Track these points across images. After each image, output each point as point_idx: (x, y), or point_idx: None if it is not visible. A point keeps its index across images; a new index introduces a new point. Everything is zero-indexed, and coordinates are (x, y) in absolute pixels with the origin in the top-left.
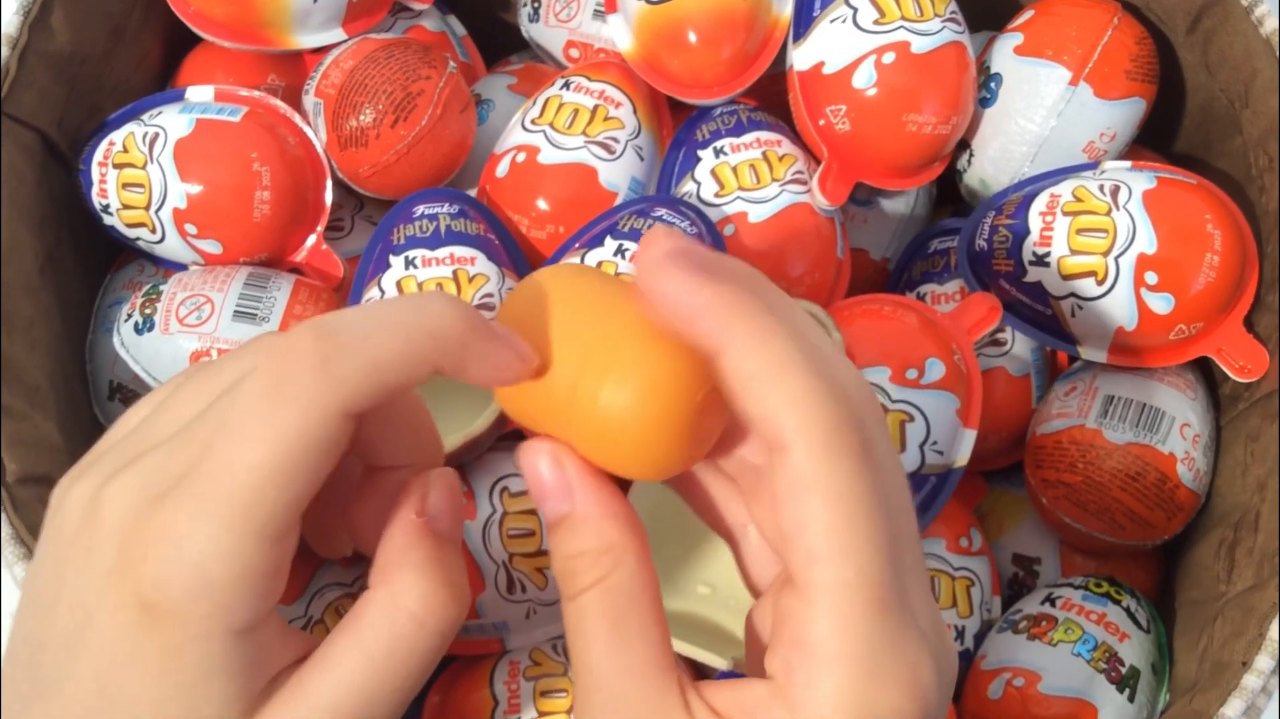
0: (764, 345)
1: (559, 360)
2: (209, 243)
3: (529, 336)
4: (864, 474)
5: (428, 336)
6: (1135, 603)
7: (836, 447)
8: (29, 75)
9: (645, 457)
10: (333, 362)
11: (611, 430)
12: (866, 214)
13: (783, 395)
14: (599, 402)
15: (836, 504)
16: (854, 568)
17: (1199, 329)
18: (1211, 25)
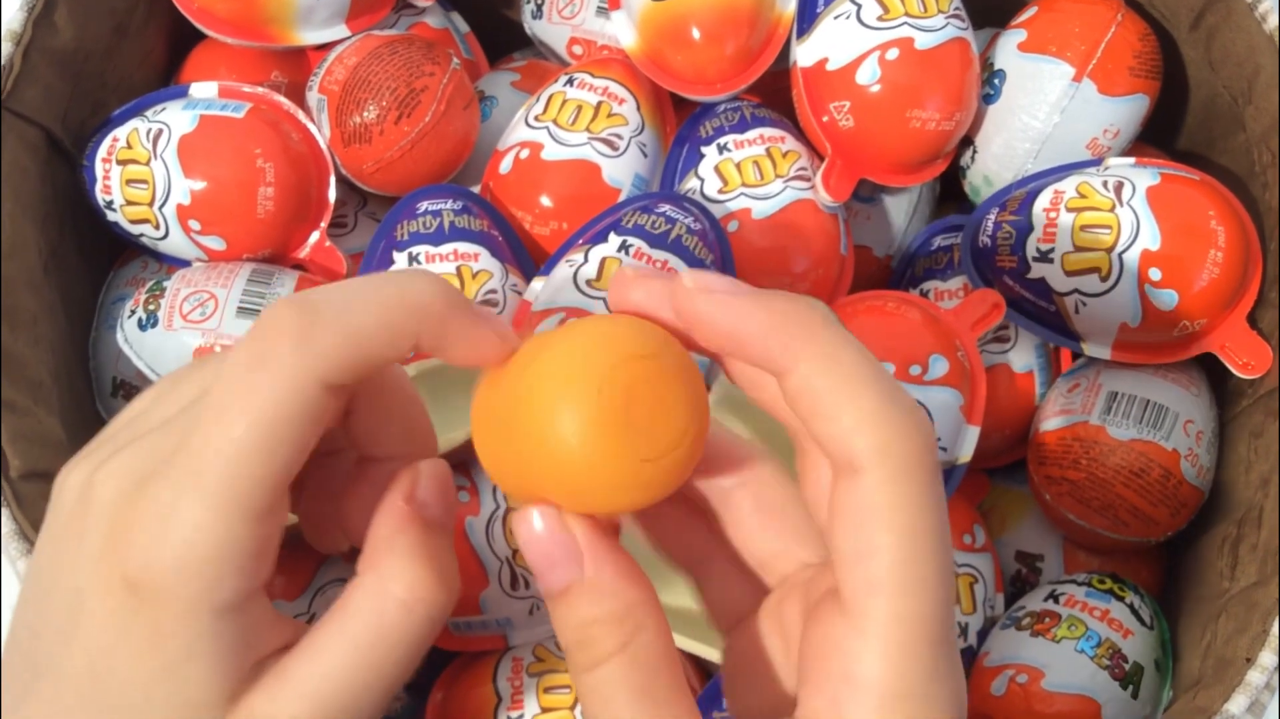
0: (835, 362)
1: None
2: (212, 239)
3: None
4: (932, 506)
5: (407, 310)
6: (1139, 599)
7: (910, 474)
8: (33, 71)
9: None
10: (311, 333)
11: (567, 469)
12: (870, 210)
13: (856, 416)
14: (550, 449)
15: (906, 536)
16: (914, 603)
17: (1202, 325)
18: (1214, 22)
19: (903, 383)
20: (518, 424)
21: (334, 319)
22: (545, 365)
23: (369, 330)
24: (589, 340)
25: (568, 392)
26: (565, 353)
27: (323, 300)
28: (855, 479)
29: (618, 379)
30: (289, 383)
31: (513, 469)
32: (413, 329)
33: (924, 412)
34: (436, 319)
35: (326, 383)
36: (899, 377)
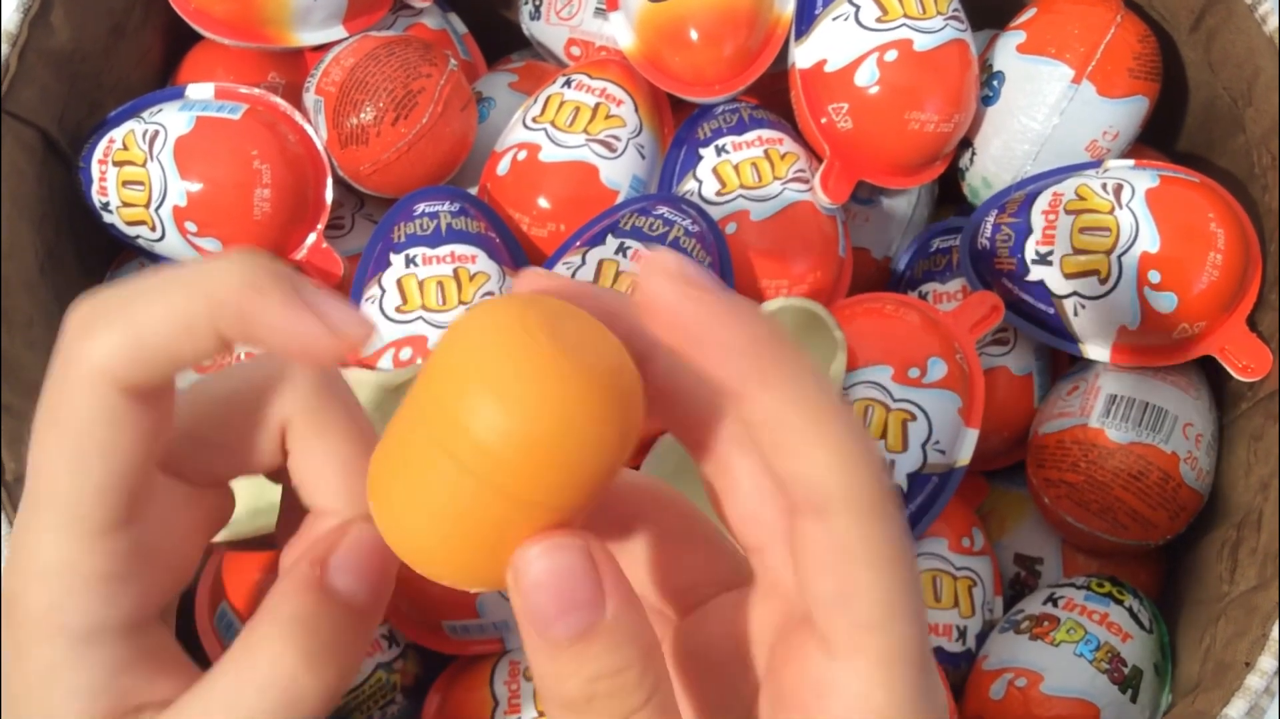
0: (803, 395)
1: (427, 467)
2: (209, 241)
3: None
4: (900, 538)
5: (197, 297)
6: (1138, 603)
7: (880, 513)
8: (29, 72)
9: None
10: (90, 330)
11: (521, 445)
12: (868, 212)
13: (826, 455)
14: (485, 446)
15: (885, 572)
16: (901, 637)
17: (1202, 328)
18: (1214, 23)
19: (901, 385)
20: (446, 435)
21: (115, 312)
22: (447, 356)
23: (152, 322)
24: (486, 310)
25: (495, 350)
26: (465, 332)
27: (111, 296)
28: (824, 521)
29: (533, 316)
30: (75, 386)
31: (453, 514)
32: (205, 317)
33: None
34: (232, 302)
35: (120, 383)
36: (897, 379)
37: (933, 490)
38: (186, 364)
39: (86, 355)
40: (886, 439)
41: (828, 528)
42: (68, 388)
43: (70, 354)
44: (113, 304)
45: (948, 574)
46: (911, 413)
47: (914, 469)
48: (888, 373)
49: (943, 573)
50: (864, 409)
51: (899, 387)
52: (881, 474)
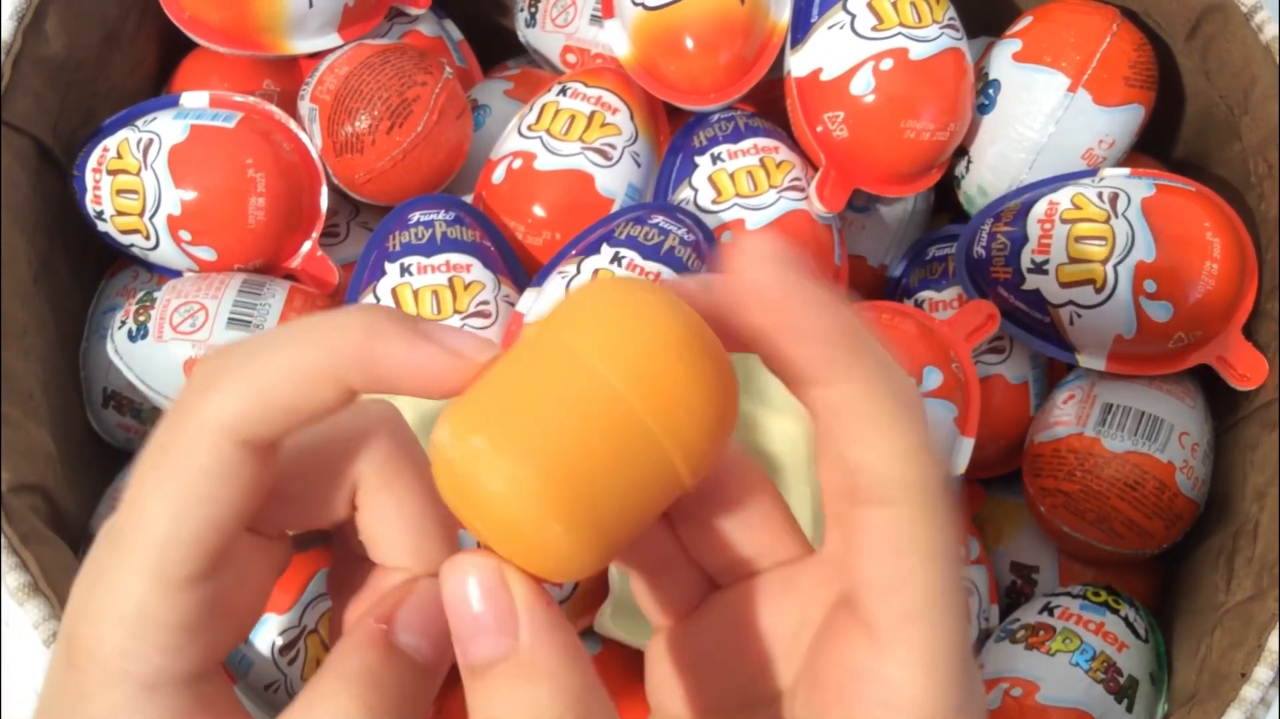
0: (882, 389)
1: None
2: (203, 249)
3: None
4: (953, 537)
5: (320, 346)
6: (1134, 612)
7: (939, 508)
8: (23, 81)
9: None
10: (214, 383)
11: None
12: (864, 221)
13: (896, 447)
14: (486, 486)
15: (937, 567)
16: (947, 630)
17: (1198, 337)
18: (1211, 31)
19: None
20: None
21: (238, 365)
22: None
23: (276, 373)
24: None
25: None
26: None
27: (235, 350)
28: (885, 510)
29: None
30: (193, 438)
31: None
32: (330, 366)
33: None
34: (356, 349)
35: (240, 437)
36: None
37: None
38: (310, 418)
39: (210, 408)
40: None
41: (890, 516)
42: (183, 436)
43: (191, 404)
44: (237, 358)
45: None
46: None
47: None
48: None
49: None
50: None
51: None
52: (941, 473)
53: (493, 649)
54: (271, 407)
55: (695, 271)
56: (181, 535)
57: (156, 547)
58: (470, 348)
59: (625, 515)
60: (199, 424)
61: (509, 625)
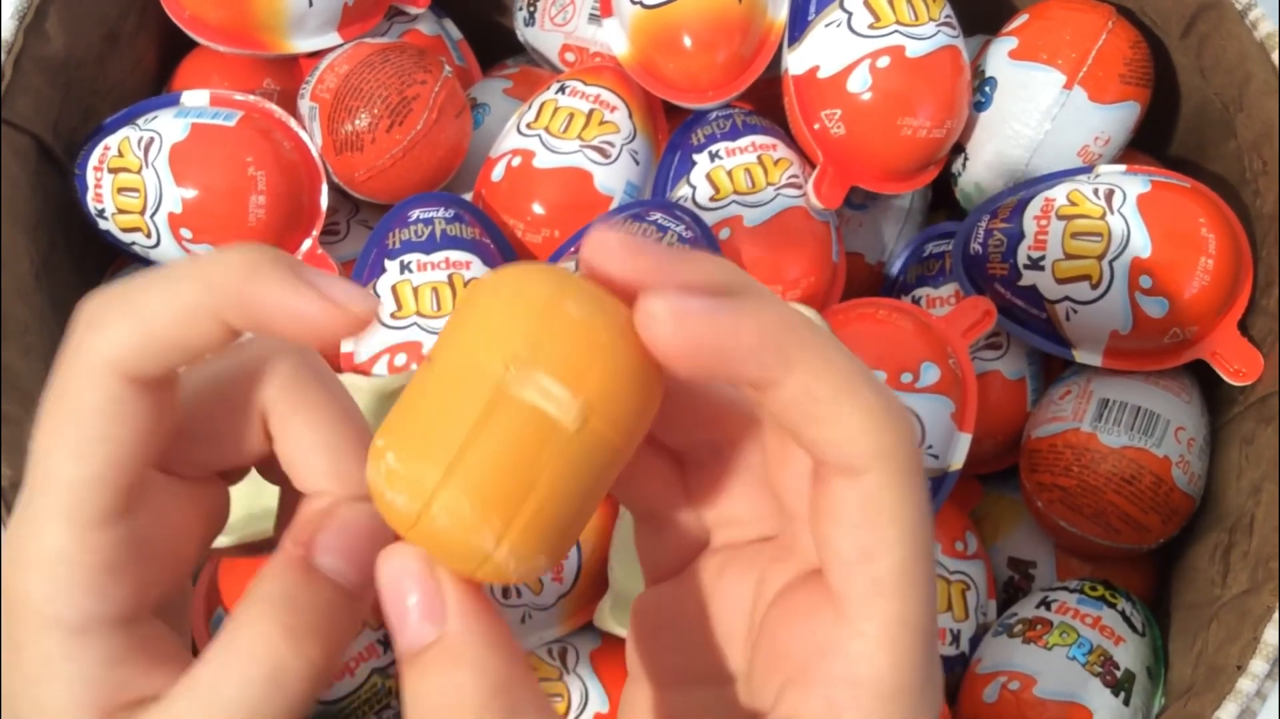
0: (831, 366)
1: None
2: (204, 247)
3: None
4: (925, 508)
5: (202, 286)
6: (1130, 606)
7: (911, 473)
8: (24, 79)
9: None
10: (96, 321)
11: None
12: (862, 218)
13: (858, 418)
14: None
15: (911, 536)
16: (914, 605)
17: (1194, 333)
18: (1206, 29)
19: (894, 390)
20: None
21: (119, 303)
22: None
23: (156, 309)
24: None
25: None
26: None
27: (118, 290)
28: (855, 480)
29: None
30: (80, 376)
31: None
32: (209, 303)
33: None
34: (235, 287)
35: (127, 374)
36: (891, 384)
37: None
38: (193, 354)
39: (93, 346)
40: None
41: (859, 484)
42: (73, 378)
43: (77, 346)
44: (119, 297)
45: (941, 578)
46: None
47: None
48: (881, 378)
49: (937, 577)
50: None
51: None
52: (912, 436)
53: (420, 636)
54: (153, 342)
55: None
56: (84, 475)
57: (64, 489)
58: (348, 297)
59: (554, 503)
60: (85, 364)
61: (436, 613)
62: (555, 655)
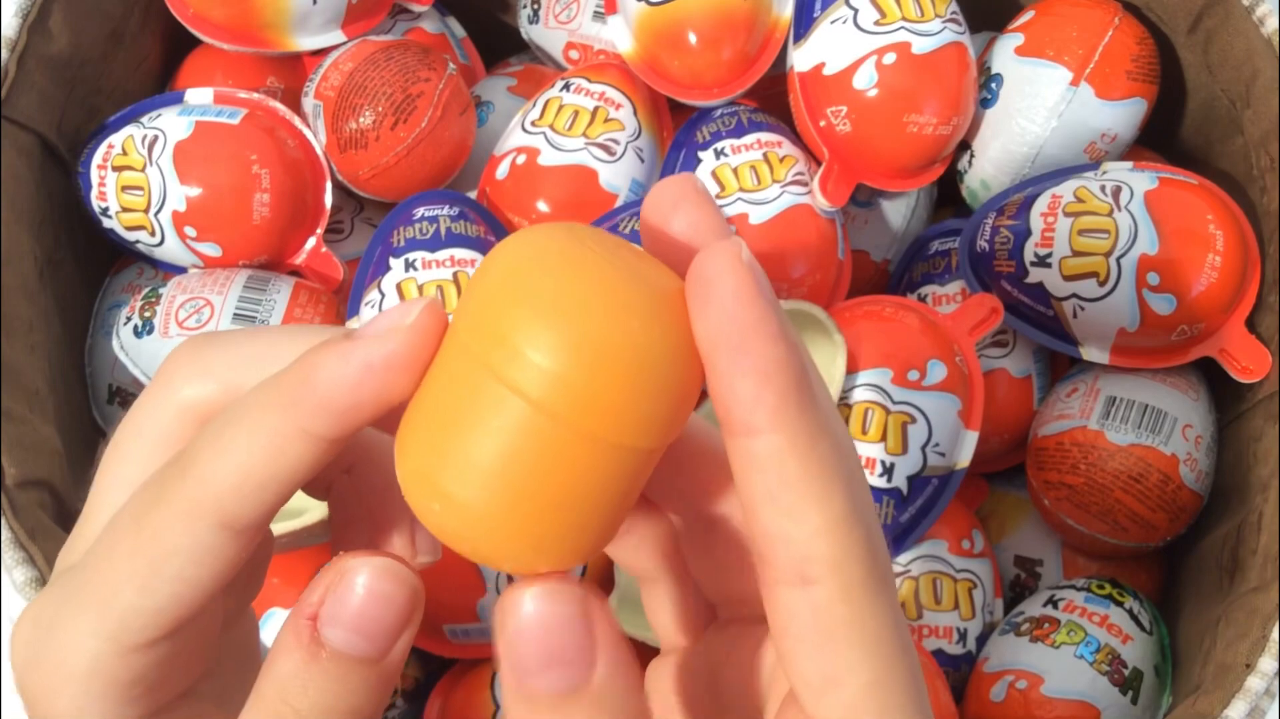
0: (813, 447)
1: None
2: (208, 245)
3: None
4: (890, 615)
5: (279, 407)
6: (1138, 604)
7: (870, 587)
8: (28, 78)
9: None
10: (192, 464)
11: (581, 393)
12: (867, 215)
13: (819, 518)
14: (537, 397)
15: (874, 654)
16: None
17: (1201, 330)
18: (1212, 25)
19: (901, 388)
20: (489, 382)
21: (211, 449)
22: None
23: (243, 447)
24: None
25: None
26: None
27: (204, 434)
28: (806, 591)
29: (585, 235)
30: (178, 516)
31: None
32: (291, 423)
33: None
34: (300, 391)
35: (226, 522)
36: (896, 382)
37: (933, 493)
38: (297, 482)
39: (190, 493)
40: (886, 441)
41: (810, 599)
42: (163, 514)
43: (172, 489)
44: (204, 443)
45: (948, 576)
46: (911, 415)
47: (914, 472)
48: (887, 375)
49: (943, 575)
50: (864, 412)
51: (899, 389)
52: (879, 549)
53: (563, 682)
54: (249, 484)
55: None
56: (144, 606)
57: (118, 613)
58: (395, 318)
59: (580, 507)
60: (180, 507)
61: (588, 656)
62: None
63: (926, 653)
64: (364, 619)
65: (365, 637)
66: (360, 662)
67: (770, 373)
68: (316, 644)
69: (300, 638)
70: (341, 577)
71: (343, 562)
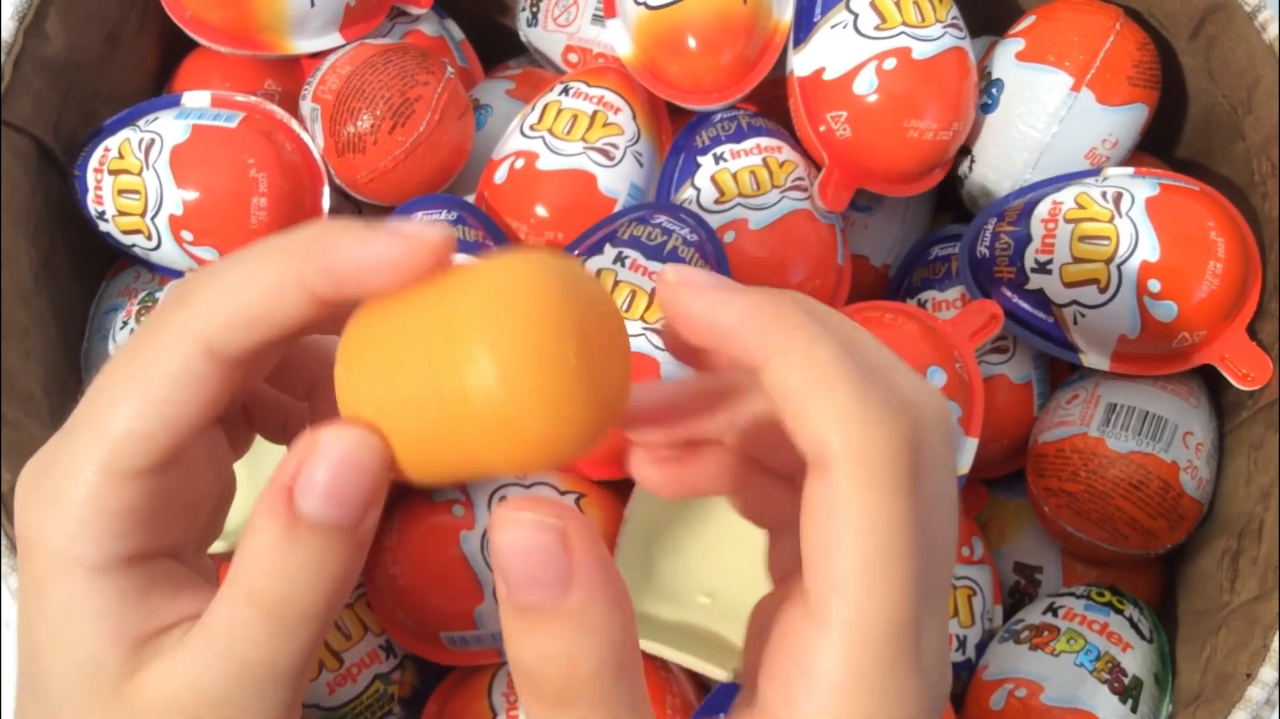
0: (806, 355)
1: (415, 362)
2: (205, 249)
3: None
4: (903, 505)
5: (283, 255)
6: (1138, 612)
7: (880, 471)
8: (24, 81)
9: (547, 433)
10: (185, 296)
11: (497, 419)
12: (867, 220)
13: (827, 411)
14: (467, 394)
15: (870, 536)
16: (873, 604)
17: (1202, 337)
18: (1214, 31)
19: None
20: (439, 357)
21: (209, 282)
22: (485, 287)
23: (243, 285)
24: (537, 264)
25: (528, 316)
26: (513, 274)
27: (208, 268)
28: (825, 476)
29: (576, 307)
30: (167, 348)
31: (412, 416)
32: (292, 272)
33: (935, 402)
34: (313, 252)
35: (210, 348)
36: None
37: None
38: (281, 329)
39: (181, 320)
40: None
41: (826, 482)
42: (154, 343)
43: (163, 317)
44: (207, 275)
45: None
46: None
47: None
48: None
49: None
50: None
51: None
52: (896, 435)
53: (542, 599)
54: (241, 318)
55: None
56: (135, 430)
57: (111, 438)
58: (418, 228)
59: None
60: (170, 333)
61: (564, 579)
62: None
63: None
64: (339, 486)
65: (340, 504)
66: (337, 529)
67: (757, 323)
68: (293, 516)
69: (276, 512)
70: (313, 448)
71: (314, 434)
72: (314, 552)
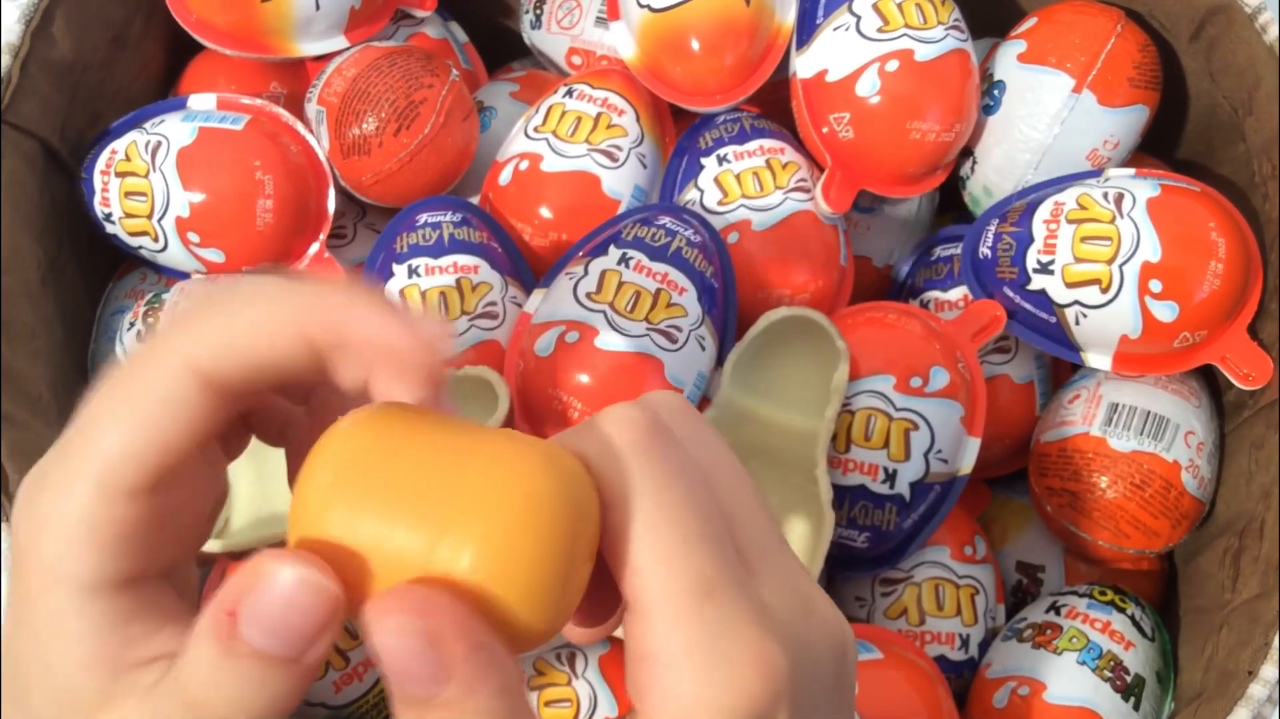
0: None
1: (404, 526)
2: (212, 251)
3: (359, 503)
4: (670, 476)
5: (293, 302)
6: (1140, 611)
7: (647, 452)
8: (30, 84)
9: (538, 614)
10: (189, 320)
11: (473, 603)
12: (870, 221)
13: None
14: (451, 574)
15: (656, 526)
16: (676, 572)
17: (1203, 337)
18: (1215, 33)
19: (904, 394)
20: (428, 527)
21: (212, 311)
22: (488, 480)
23: (246, 321)
24: (539, 468)
25: (525, 526)
26: (515, 472)
27: (207, 299)
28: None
29: (569, 515)
30: (159, 368)
31: (379, 568)
32: (293, 323)
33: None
34: (324, 310)
35: (202, 375)
36: (899, 388)
37: (935, 499)
38: (274, 371)
39: (177, 344)
40: (889, 448)
41: (617, 504)
42: (147, 366)
43: (161, 341)
44: (212, 305)
45: (950, 582)
46: (914, 422)
47: (917, 478)
48: (890, 382)
49: (945, 581)
50: (866, 418)
51: (901, 396)
52: (648, 416)
53: (423, 691)
54: (232, 352)
55: (701, 272)
56: (127, 451)
57: (104, 458)
58: (433, 335)
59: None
60: (163, 356)
61: (438, 674)
62: (564, 660)
63: (929, 658)
64: (282, 624)
65: (283, 640)
66: (278, 660)
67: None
68: (233, 638)
69: (219, 631)
70: (257, 579)
71: (261, 562)
72: (254, 675)
